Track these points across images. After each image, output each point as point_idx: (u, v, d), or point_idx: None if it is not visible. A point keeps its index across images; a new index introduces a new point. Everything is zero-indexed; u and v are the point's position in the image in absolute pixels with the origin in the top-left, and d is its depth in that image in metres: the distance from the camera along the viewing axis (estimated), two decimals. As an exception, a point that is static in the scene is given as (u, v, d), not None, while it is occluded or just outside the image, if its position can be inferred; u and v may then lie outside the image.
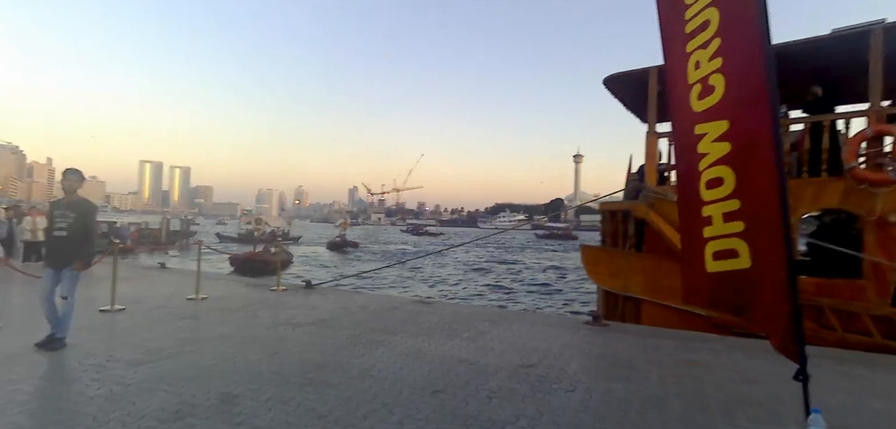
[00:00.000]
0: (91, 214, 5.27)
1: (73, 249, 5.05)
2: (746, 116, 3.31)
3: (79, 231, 5.07)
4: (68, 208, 5.07)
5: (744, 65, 3.41)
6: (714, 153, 3.52)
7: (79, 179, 5.27)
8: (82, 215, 5.12)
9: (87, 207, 5.25)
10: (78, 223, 5.07)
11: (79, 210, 5.12)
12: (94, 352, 4.80)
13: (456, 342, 5.50)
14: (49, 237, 5.14)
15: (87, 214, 5.18)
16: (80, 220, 5.09)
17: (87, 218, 5.16)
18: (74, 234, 5.04)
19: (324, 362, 4.66)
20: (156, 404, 3.52)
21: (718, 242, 3.86)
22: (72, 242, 5.04)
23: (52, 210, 5.17)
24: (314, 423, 3.28)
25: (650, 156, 7.40)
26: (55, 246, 5.06)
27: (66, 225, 5.02)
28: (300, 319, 6.58)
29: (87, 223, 5.16)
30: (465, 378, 4.25)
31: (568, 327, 6.45)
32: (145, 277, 10.84)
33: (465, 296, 20.61)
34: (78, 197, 5.23)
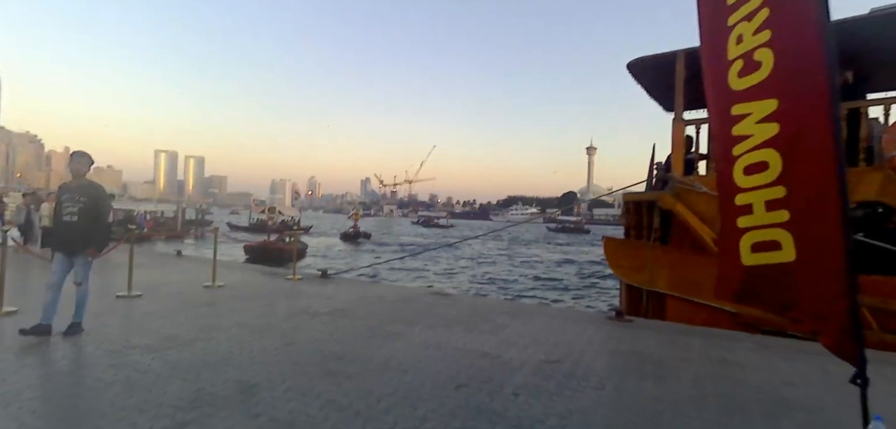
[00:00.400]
0: (102, 197, 5.09)
1: (85, 235, 4.87)
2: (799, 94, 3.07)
3: (90, 216, 4.89)
4: (78, 192, 4.87)
5: (797, 36, 3.16)
6: (758, 135, 3.29)
7: (87, 162, 5.06)
8: (93, 199, 4.93)
9: (97, 190, 5.06)
10: (89, 207, 4.88)
11: (89, 194, 4.93)
12: (110, 338, 4.74)
13: (476, 335, 5.35)
14: (58, 222, 4.93)
15: (98, 198, 4.99)
16: (91, 204, 4.89)
17: (98, 202, 4.97)
18: (85, 218, 4.86)
19: (342, 352, 4.55)
20: (173, 393, 3.43)
21: (758, 232, 3.64)
22: (83, 227, 4.85)
23: (60, 194, 4.96)
24: (334, 415, 3.16)
25: (677, 144, 7.14)
26: (65, 231, 4.84)
27: (76, 209, 4.82)
28: (317, 308, 6.48)
29: (98, 207, 4.97)
30: (489, 373, 4.10)
31: (590, 322, 6.27)
32: (162, 264, 10.87)
33: (481, 288, 20.46)
34: (87, 180, 5.05)
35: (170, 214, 43.54)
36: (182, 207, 47.11)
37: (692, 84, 7.14)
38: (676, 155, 7.11)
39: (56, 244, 4.93)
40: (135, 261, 7.52)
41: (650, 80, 8.44)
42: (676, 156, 7.11)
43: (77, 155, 5.02)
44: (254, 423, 3.01)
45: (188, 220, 44.66)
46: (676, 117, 7.21)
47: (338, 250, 36.86)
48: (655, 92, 8.88)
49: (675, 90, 7.22)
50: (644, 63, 7.84)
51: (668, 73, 7.44)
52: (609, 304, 17.25)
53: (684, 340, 5.50)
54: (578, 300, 19.04)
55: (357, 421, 3.08)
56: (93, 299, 6.43)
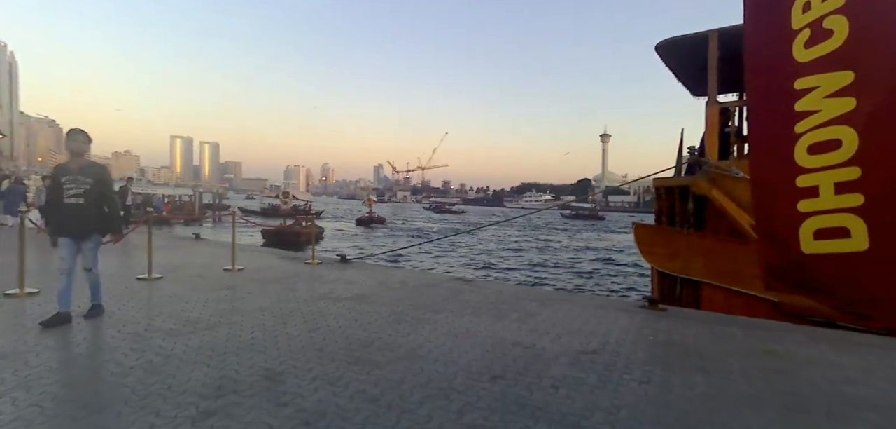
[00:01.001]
0: (108, 179, 4.82)
1: (95, 218, 4.63)
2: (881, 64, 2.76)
3: (97, 198, 4.64)
4: (80, 173, 4.58)
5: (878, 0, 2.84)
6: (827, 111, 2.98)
7: (86, 140, 4.74)
8: (99, 181, 4.66)
9: (102, 171, 4.78)
10: (95, 190, 4.63)
11: (94, 175, 4.65)
12: (131, 321, 4.63)
13: (506, 323, 5.13)
14: (59, 205, 4.55)
15: (104, 180, 4.73)
16: (96, 186, 4.64)
17: (104, 184, 4.72)
18: (93, 201, 4.60)
19: (368, 339, 4.37)
20: (197, 379, 3.28)
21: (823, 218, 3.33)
22: (90, 210, 4.59)
23: (59, 176, 4.59)
24: (366, 406, 2.98)
25: (711, 127, 6.78)
26: (72, 214, 4.55)
27: (82, 191, 4.56)
28: (339, 293, 6.32)
29: (105, 190, 4.73)
30: (524, 363, 3.88)
31: (623, 311, 6.00)
32: (181, 246, 10.84)
33: (501, 275, 20.24)
34: (88, 161, 4.75)
35: (187, 198, 44.03)
36: (199, 192, 47.62)
37: (724, 66, 6.76)
38: (711, 138, 6.76)
39: (60, 228, 4.59)
40: (154, 243, 7.44)
41: (679, 62, 8.06)
42: (711, 139, 6.76)
43: (75, 133, 4.68)
44: (282, 413, 2.84)
45: (205, 204, 45.12)
46: (710, 100, 6.83)
47: (353, 235, 36.91)
48: (683, 75, 8.49)
49: (709, 71, 6.84)
50: (673, 44, 7.47)
51: (699, 54, 7.07)
52: (634, 290, 16.93)
53: (725, 330, 5.21)
54: (599, 286, 18.73)
55: (390, 414, 2.89)
56: (113, 282, 6.40)
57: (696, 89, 9.00)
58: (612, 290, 17.58)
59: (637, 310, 6.10)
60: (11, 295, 5.42)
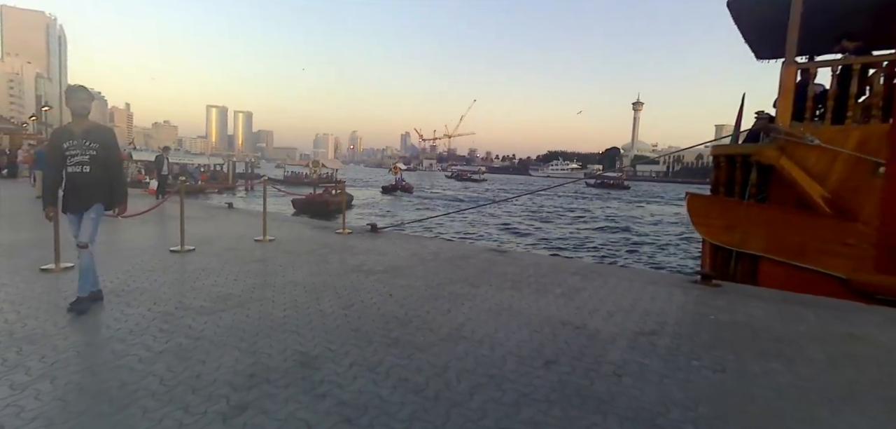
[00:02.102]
0: (114, 144, 4.22)
1: (100, 188, 4.06)
2: None
3: (103, 165, 4.07)
4: (86, 137, 3.99)
5: None
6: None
7: (89, 98, 4.12)
8: (106, 146, 4.08)
9: (109, 135, 4.19)
10: (102, 156, 4.05)
11: (100, 139, 4.05)
12: (163, 297, 4.48)
13: (549, 299, 4.78)
14: (60, 173, 4.02)
15: (111, 145, 4.15)
16: (103, 152, 4.06)
17: (111, 149, 4.14)
18: (100, 169, 4.04)
19: (406, 317, 4.10)
20: (228, 365, 3.06)
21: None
22: (96, 179, 4.03)
23: (61, 140, 3.99)
24: (410, 398, 2.70)
25: (785, 90, 6.08)
26: (78, 185, 3.99)
27: (88, 158, 3.98)
28: (371, 265, 6.08)
29: (111, 156, 4.15)
30: (578, 346, 3.54)
31: (674, 286, 5.56)
32: (214, 216, 10.83)
33: (533, 244, 19.82)
34: (93, 123, 4.15)
35: (220, 167, 44.85)
36: (232, 161, 48.39)
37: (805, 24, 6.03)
38: (784, 102, 6.06)
39: (65, 202, 4.06)
40: (188, 214, 7.36)
41: (750, 21, 7.29)
42: (784, 103, 6.06)
43: (76, 90, 4.04)
44: (320, 406, 2.58)
45: (238, 173, 45.89)
46: (788, 60, 6.10)
47: (380, 203, 36.90)
48: (752, 34, 7.71)
49: (789, 27, 6.08)
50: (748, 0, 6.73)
51: (776, 11, 6.33)
52: (673, 262, 16.28)
53: (793, 310, 4.73)
54: (634, 256, 18.12)
55: (439, 407, 2.61)
56: (147, 255, 6.33)
57: (763, 51, 8.22)
58: (651, 261, 16.92)
59: (690, 285, 5.65)
60: (47, 270, 5.37)
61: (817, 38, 6.49)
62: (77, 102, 4.01)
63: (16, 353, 3.19)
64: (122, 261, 6.00)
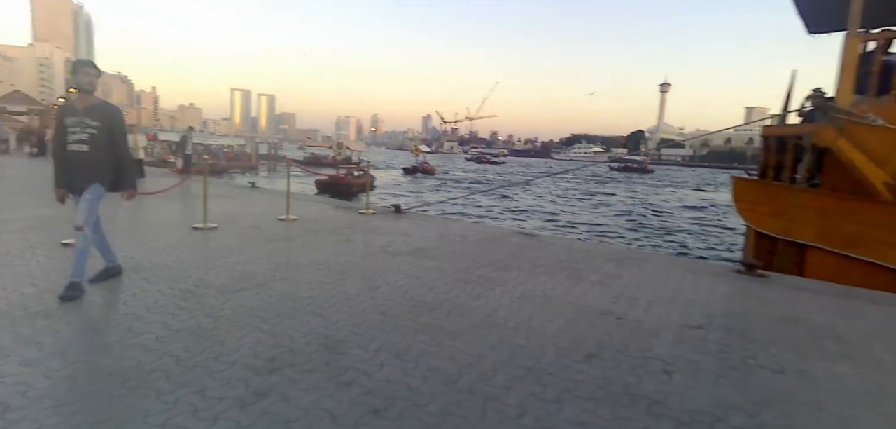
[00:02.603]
0: (119, 120, 3.91)
1: (98, 168, 3.79)
2: None
3: (105, 144, 3.80)
4: (87, 114, 3.73)
5: None
6: None
7: (96, 73, 3.87)
8: (108, 123, 3.79)
9: (112, 112, 3.87)
10: (104, 135, 3.78)
11: (102, 116, 3.78)
12: (184, 275, 4.36)
13: (585, 286, 4.51)
14: (64, 152, 3.76)
15: (113, 121, 3.84)
16: (105, 130, 3.78)
17: (114, 126, 3.84)
18: (100, 147, 3.77)
19: (434, 301, 3.88)
20: (248, 347, 2.90)
21: None
22: (96, 159, 3.77)
23: (63, 117, 3.76)
24: (442, 390, 2.49)
25: (847, 64, 5.59)
26: (76, 164, 3.74)
27: (87, 136, 3.73)
28: (397, 246, 5.88)
29: (115, 135, 3.86)
30: (620, 338, 3.27)
31: (717, 276, 5.22)
32: (238, 195, 10.80)
33: (560, 228, 19.42)
34: (99, 100, 3.88)
35: (243, 148, 45.35)
36: (256, 142, 48.87)
37: None
38: (846, 77, 5.57)
39: (66, 182, 3.81)
40: (212, 192, 7.28)
41: None
42: (846, 78, 5.57)
43: (82, 65, 3.78)
44: (345, 396, 2.39)
45: (262, 154, 46.33)
46: (851, 31, 5.59)
47: (401, 184, 36.79)
48: (806, 5, 7.16)
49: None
50: None
51: None
52: (706, 249, 15.73)
53: (851, 305, 4.36)
54: (662, 241, 17.57)
55: (473, 402, 2.39)
56: (169, 232, 6.26)
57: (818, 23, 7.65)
58: (684, 248, 16.34)
59: (733, 275, 5.30)
60: (68, 244, 5.32)
61: (882, 7, 5.95)
62: (83, 77, 3.76)
63: (30, 328, 3.09)
64: (144, 237, 5.94)
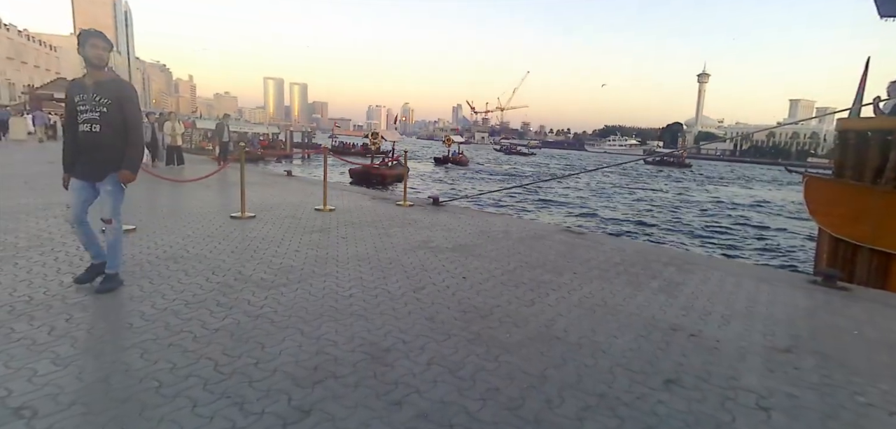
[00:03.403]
0: (132, 99, 3.51)
1: (113, 152, 3.42)
2: None
3: (118, 125, 3.42)
4: (99, 92, 3.35)
5: None
6: None
7: (106, 46, 3.42)
8: (120, 102, 3.41)
9: (124, 89, 3.48)
10: (116, 113, 3.39)
11: (115, 95, 3.40)
12: (222, 267, 4.19)
13: (647, 294, 4.11)
14: (73, 133, 3.42)
15: (126, 100, 3.45)
16: (117, 108, 3.40)
17: (126, 105, 3.45)
18: (113, 129, 3.39)
19: (485, 306, 3.58)
20: (289, 353, 2.67)
21: None
22: (110, 141, 3.39)
23: (73, 94, 3.39)
24: (506, 419, 2.18)
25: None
26: (86, 146, 3.38)
27: (98, 116, 3.34)
28: (438, 242, 5.60)
29: (129, 114, 3.46)
30: (700, 361, 2.89)
31: (792, 287, 4.72)
32: (274, 183, 10.76)
33: (602, 225, 18.79)
34: (110, 76, 3.49)
35: (277, 135, 46.07)
36: (289, 131, 49.54)
37: None
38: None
39: (73, 165, 3.48)
40: (248, 179, 7.18)
41: None
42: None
43: (90, 36, 3.35)
44: (397, 418, 2.12)
45: (295, 143, 46.96)
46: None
47: (433, 174, 36.56)
48: None
49: None
50: None
51: None
52: (745, 251, 14.87)
53: (960, 327, 3.81)
54: (700, 242, 16.71)
55: (543, 435, 2.07)
56: (207, 221, 6.16)
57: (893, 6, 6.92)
58: (737, 252, 15.47)
59: (809, 286, 4.79)
60: (109, 230, 5.27)
61: None
62: (90, 50, 3.33)
63: (65, 320, 2.95)
64: (182, 225, 5.85)
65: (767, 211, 26.72)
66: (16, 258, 4.18)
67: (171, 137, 13.51)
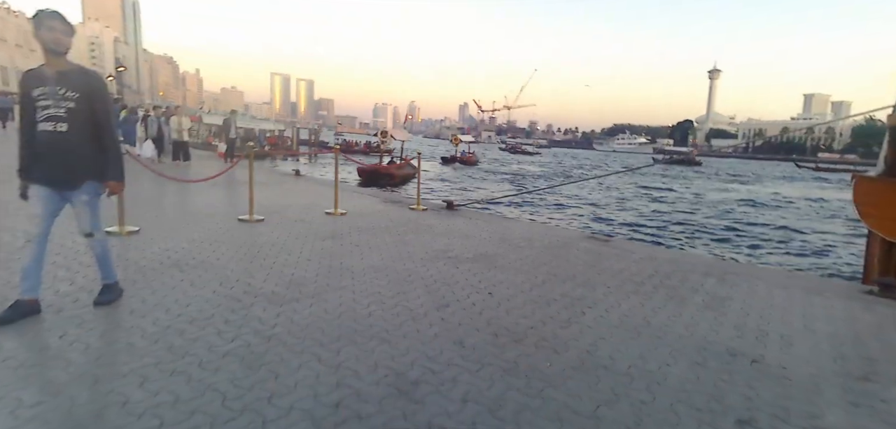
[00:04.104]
0: (103, 93, 2.96)
1: (87, 158, 2.90)
2: None
3: (88, 123, 2.87)
4: (63, 84, 2.81)
5: None
6: None
7: (65, 31, 2.85)
8: (89, 96, 2.86)
9: (93, 81, 2.93)
10: (84, 109, 2.84)
11: (82, 86, 2.84)
12: (230, 277, 3.88)
13: (692, 311, 3.76)
14: (31, 133, 2.84)
15: (96, 94, 2.90)
16: (85, 104, 2.85)
17: (97, 100, 2.90)
18: (82, 128, 2.86)
19: (517, 327, 3.24)
20: (306, 384, 2.35)
21: None
22: (79, 143, 2.86)
23: (29, 86, 2.82)
24: (562, 472, 1.85)
25: None
26: (49, 147, 2.82)
27: (65, 112, 2.81)
28: (457, 250, 5.27)
29: (100, 110, 2.91)
30: (770, 395, 2.54)
31: (849, 299, 4.35)
32: (282, 183, 10.49)
33: (621, 230, 18.38)
34: (75, 65, 2.91)
35: (283, 132, 45.92)
36: (296, 128, 49.38)
37: None
38: None
39: (32, 171, 2.88)
40: (256, 179, 6.88)
41: None
42: None
43: (45, 16, 2.76)
44: (436, 476, 1.79)
45: (302, 140, 46.78)
46: None
47: (441, 174, 36.24)
48: None
49: None
50: None
51: None
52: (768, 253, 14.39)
53: None
54: (730, 246, 16.23)
55: (614, 500, 1.74)
56: (214, 223, 5.87)
57: None
58: (753, 248, 14.94)
59: (866, 297, 4.43)
60: (111, 233, 4.99)
61: None
62: (47, 33, 2.76)
63: (59, 337, 2.66)
64: (188, 228, 5.56)
65: (785, 208, 26.15)
66: (9, 261, 3.90)
67: (178, 132, 13.26)
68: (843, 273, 11.76)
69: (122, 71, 51.03)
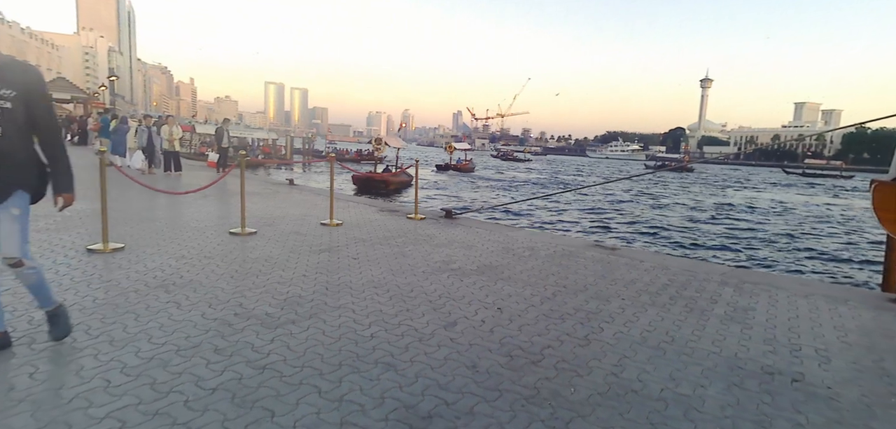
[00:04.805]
0: (42, 91, 2.53)
1: (19, 165, 2.45)
2: None
3: (26, 127, 2.44)
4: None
5: None
6: None
7: None
8: (26, 95, 2.41)
9: (31, 76, 2.48)
10: (21, 112, 2.40)
11: (17, 84, 2.39)
12: (220, 298, 3.60)
13: (715, 324, 3.53)
14: None
15: (34, 93, 2.45)
16: (23, 105, 2.40)
17: (35, 100, 2.45)
18: (19, 132, 2.42)
19: (532, 347, 2.99)
20: (307, 422, 2.08)
21: None
22: (12, 147, 2.39)
23: None
24: None
25: None
26: None
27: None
28: (459, 262, 5.02)
29: (39, 111, 2.47)
30: (822, 421, 2.30)
31: (874, 308, 4.13)
32: (275, 193, 10.19)
33: (620, 236, 18.19)
34: (7, 58, 2.46)
35: (276, 140, 45.61)
36: (290, 136, 49.13)
37: None
38: None
39: None
40: (248, 189, 6.61)
41: None
42: None
43: None
44: None
45: (296, 148, 46.48)
46: None
47: (436, 182, 35.99)
48: None
49: None
50: None
51: None
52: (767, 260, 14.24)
53: None
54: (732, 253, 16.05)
55: None
56: (205, 237, 5.58)
57: None
58: (755, 251, 14.76)
59: (893, 307, 4.20)
60: (94, 251, 4.69)
61: None
62: None
63: (29, 375, 2.37)
64: (176, 243, 5.27)
65: (778, 211, 26.12)
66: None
67: (169, 142, 12.93)
68: (856, 279, 11.63)
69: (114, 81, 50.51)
